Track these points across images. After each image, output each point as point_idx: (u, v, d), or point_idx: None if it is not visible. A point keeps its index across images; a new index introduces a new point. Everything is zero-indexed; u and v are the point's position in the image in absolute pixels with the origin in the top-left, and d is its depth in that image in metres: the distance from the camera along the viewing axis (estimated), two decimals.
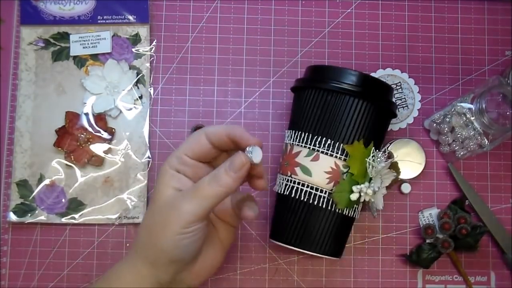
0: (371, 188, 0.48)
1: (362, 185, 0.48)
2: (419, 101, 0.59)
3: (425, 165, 0.57)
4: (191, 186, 0.42)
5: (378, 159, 0.48)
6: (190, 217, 0.40)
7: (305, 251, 0.49)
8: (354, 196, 0.48)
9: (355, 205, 0.49)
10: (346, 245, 0.54)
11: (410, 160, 0.57)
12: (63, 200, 0.56)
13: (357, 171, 0.48)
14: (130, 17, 0.59)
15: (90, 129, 0.57)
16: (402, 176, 0.57)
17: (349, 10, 0.61)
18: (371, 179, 0.48)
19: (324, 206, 0.48)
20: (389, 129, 0.59)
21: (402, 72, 0.60)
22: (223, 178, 0.40)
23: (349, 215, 0.50)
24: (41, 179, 0.56)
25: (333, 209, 0.49)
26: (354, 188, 0.48)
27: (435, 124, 0.56)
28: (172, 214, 0.41)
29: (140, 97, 0.58)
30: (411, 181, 0.58)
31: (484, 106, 0.52)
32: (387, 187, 0.51)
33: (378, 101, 0.48)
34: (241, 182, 0.42)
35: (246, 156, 0.41)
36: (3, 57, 0.58)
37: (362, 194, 0.48)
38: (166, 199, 0.42)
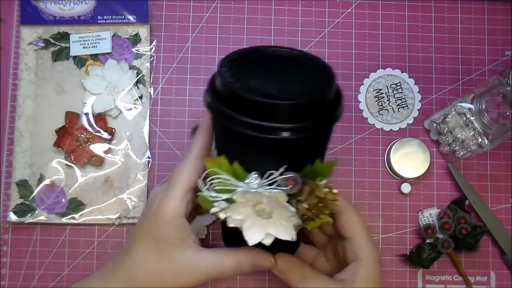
0: (223, 215, 0.37)
1: (217, 199, 0.37)
2: (419, 101, 0.59)
3: (429, 165, 0.57)
4: (210, 257, 0.41)
5: (252, 183, 0.37)
6: (200, 284, 0.42)
7: None
8: (231, 223, 0.37)
9: None
10: None
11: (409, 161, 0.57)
12: (63, 200, 0.56)
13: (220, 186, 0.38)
14: (130, 17, 0.59)
15: (90, 129, 0.57)
16: (407, 175, 0.57)
17: (349, 10, 0.61)
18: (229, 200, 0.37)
19: None
20: (389, 129, 0.59)
21: (402, 72, 0.60)
22: (245, 271, 0.41)
23: None
24: (41, 179, 0.56)
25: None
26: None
27: (435, 124, 0.56)
28: (188, 278, 0.41)
29: (140, 97, 0.58)
30: (413, 180, 0.58)
31: (484, 106, 0.52)
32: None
33: (326, 126, 0.38)
34: None
35: (272, 260, 0.42)
36: (3, 57, 0.58)
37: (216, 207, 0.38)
38: (180, 258, 0.41)
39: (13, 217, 0.55)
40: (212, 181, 0.37)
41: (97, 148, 0.57)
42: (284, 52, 0.41)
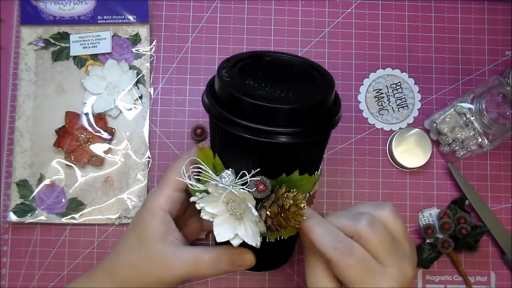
0: (198, 206, 0.38)
1: (198, 194, 0.38)
2: (419, 101, 0.59)
3: (430, 155, 0.57)
4: (188, 252, 0.43)
5: (225, 179, 0.37)
6: (180, 280, 0.43)
7: (252, 271, 0.46)
8: (203, 215, 0.38)
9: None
10: None
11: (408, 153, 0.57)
12: (63, 200, 0.56)
13: (204, 178, 0.39)
14: (130, 17, 0.59)
15: (90, 129, 0.57)
16: (409, 164, 0.57)
17: (349, 10, 0.61)
18: (207, 191, 0.38)
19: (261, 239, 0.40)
20: (389, 129, 0.59)
21: (402, 72, 0.60)
22: (224, 268, 0.42)
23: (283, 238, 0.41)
24: (41, 179, 0.56)
25: (272, 241, 0.41)
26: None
27: (435, 124, 0.56)
28: (164, 271, 0.42)
29: (140, 97, 0.58)
30: (415, 170, 0.58)
31: (484, 106, 0.52)
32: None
33: (318, 132, 0.37)
34: None
35: (253, 258, 0.42)
36: (3, 57, 0.58)
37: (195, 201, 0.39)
38: (158, 250, 0.43)
39: (13, 217, 0.55)
40: (193, 170, 0.38)
41: (97, 148, 0.57)
42: (286, 58, 0.42)
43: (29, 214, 0.56)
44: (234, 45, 0.60)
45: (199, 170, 0.38)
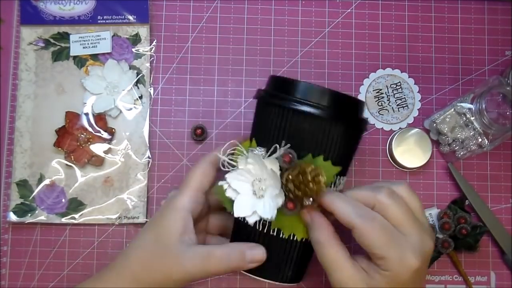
0: (226, 184, 0.42)
1: (229, 164, 0.43)
2: (419, 101, 0.60)
3: (430, 155, 0.57)
4: (200, 248, 0.43)
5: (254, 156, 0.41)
6: (191, 278, 0.43)
7: (262, 278, 0.45)
8: (228, 192, 0.42)
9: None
10: (347, 245, 0.54)
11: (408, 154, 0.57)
12: (63, 200, 0.56)
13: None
14: (130, 17, 0.59)
15: (90, 129, 0.57)
16: (409, 164, 0.57)
17: (349, 10, 0.61)
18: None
19: (275, 234, 0.43)
20: (389, 129, 0.59)
21: (402, 72, 0.60)
22: (235, 263, 0.43)
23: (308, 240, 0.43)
24: (41, 179, 0.56)
25: (285, 237, 0.43)
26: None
27: (435, 124, 0.56)
28: (175, 267, 0.43)
29: (140, 97, 0.58)
30: (415, 170, 0.58)
31: (484, 106, 0.52)
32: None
33: (346, 121, 0.42)
34: None
35: (264, 251, 0.43)
36: (3, 57, 0.58)
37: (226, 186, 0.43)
38: (172, 247, 0.43)
39: (13, 217, 0.55)
40: (231, 153, 0.43)
41: (97, 148, 0.57)
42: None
43: (29, 214, 0.56)
44: (234, 45, 0.60)
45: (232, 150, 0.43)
